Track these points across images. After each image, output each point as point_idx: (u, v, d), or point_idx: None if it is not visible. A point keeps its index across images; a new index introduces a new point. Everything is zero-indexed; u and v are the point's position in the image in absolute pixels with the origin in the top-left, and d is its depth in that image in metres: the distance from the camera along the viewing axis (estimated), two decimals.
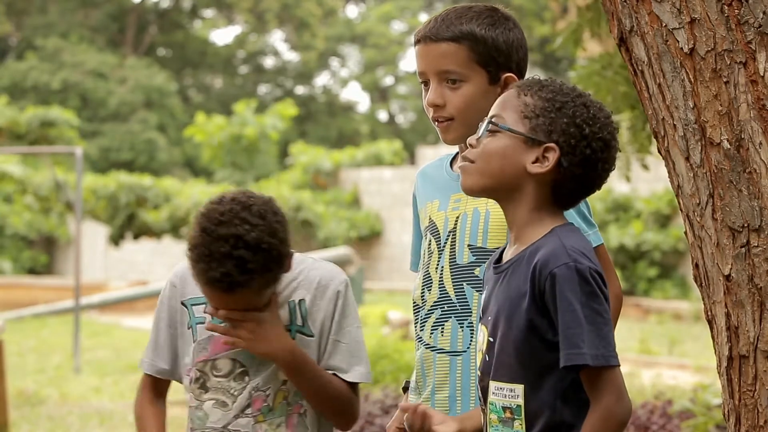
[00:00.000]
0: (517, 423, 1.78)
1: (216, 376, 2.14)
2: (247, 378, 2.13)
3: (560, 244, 1.76)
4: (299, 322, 2.15)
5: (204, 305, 2.15)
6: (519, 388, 1.77)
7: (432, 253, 2.14)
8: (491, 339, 1.83)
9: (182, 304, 2.18)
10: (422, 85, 2.17)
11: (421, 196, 2.22)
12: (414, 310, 2.18)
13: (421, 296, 2.15)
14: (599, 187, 1.86)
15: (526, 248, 1.81)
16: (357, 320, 2.17)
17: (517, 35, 2.13)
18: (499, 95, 2.03)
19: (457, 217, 2.11)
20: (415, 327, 2.18)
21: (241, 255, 2.01)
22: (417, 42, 2.15)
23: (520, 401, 1.77)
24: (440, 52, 2.10)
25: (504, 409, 1.80)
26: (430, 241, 2.15)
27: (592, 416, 1.72)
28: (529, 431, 1.78)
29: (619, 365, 1.73)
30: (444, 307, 2.10)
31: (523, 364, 1.77)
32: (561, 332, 1.73)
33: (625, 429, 1.75)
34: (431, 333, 2.11)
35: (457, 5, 2.16)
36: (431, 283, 2.13)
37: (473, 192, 1.87)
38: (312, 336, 2.15)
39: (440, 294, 2.11)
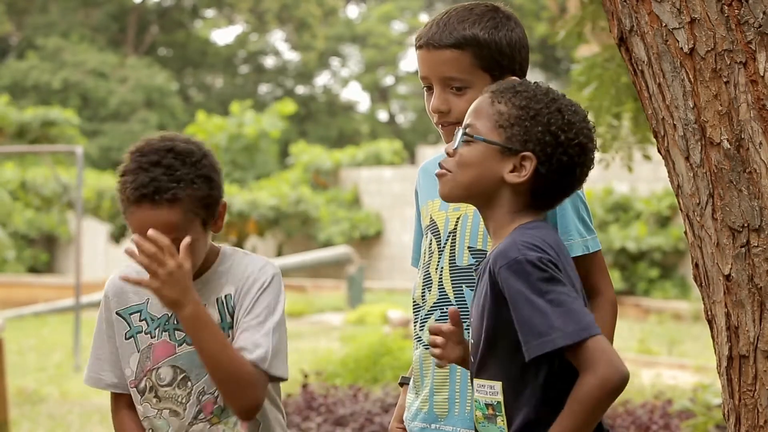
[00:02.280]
0: (499, 419, 1.80)
1: (161, 386, 2.12)
2: (189, 384, 2.11)
3: (512, 241, 1.78)
4: (228, 318, 2.11)
5: (139, 313, 2.13)
6: (498, 385, 1.79)
7: (432, 253, 2.13)
8: (472, 340, 1.86)
9: (117, 314, 2.15)
10: (425, 88, 2.13)
11: (423, 193, 2.21)
12: (414, 309, 2.17)
13: (422, 296, 2.14)
14: (578, 188, 1.89)
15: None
16: (272, 309, 2.09)
17: (519, 35, 2.10)
18: None
19: (458, 218, 2.10)
20: (414, 326, 2.17)
21: (171, 163, 2.02)
22: (419, 47, 2.11)
23: (500, 398, 1.79)
24: (443, 60, 2.06)
25: (487, 405, 1.81)
26: (430, 240, 2.14)
27: (587, 383, 1.69)
28: (509, 427, 1.78)
29: (600, 333, 1.71)
30: (443, 309, 2.09)
31: (498, 361, 1.79)
32: (521, 326, 1.72)
33: (616, 397, 1.73)
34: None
35: (458, 6, 2.12)
36: (431, 283, 2.12)
37: (450, 200, 1.91)
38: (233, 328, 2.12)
39: (440, 295, 2.10)
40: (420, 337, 2.13)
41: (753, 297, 1.82)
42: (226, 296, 2.11)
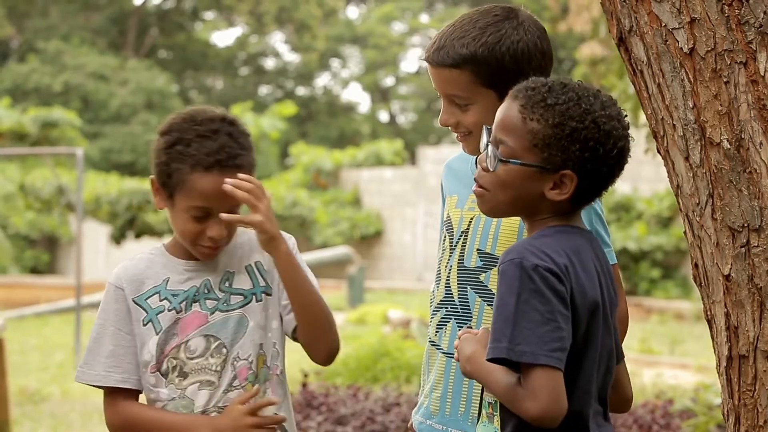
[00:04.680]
0: (495, 419, 1.79)
1: (191, 359, 2.09)
2: (224, 350, 2.09)
3: (523, 242, 1.76)
4: (262, 283, 2.14)
5: (158, 294, 2.11)
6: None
7: (445, 250, 2.12)
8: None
9: (134, 302, 2.12)
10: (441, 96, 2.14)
11: (445, 188, 2.20)
12: (430, 303, 2.17)
13: (432, 291, 2.14)
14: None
15: None
16: (307, 269, 2.14)
17: (529, 44, 2.02)
18: None
19: (472, 218, 2.08)
20: (429, 320, 2.18)
21: (231, 131, 2.08)
22: (425, 60, 2.09)
23: None
24: (443, 78, 2.04)
25: (488, 404, 1.81)
26: (444, 237, 2.13)
27: (528, 408, 1.68)
28: (503, 430, 1.77)
29: (554, 366, 1.66)
30: (447, 308, 2.09)
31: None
32: (491, 324, 1.71)
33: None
34: (436, 330, 2.10)
35: (467, 15, 2.06)
36: (440, 280, 2.12)
37: (492, 216, 1.89)
38: (272, 294, 2.14)
39: (445, 293, 2.10)
40: (428, 332, 2.14)
41: (753, 297, 1.82)
42: (256, 263, 2.14)
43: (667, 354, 9.41)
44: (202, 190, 2.05)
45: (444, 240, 2.13)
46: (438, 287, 2.11)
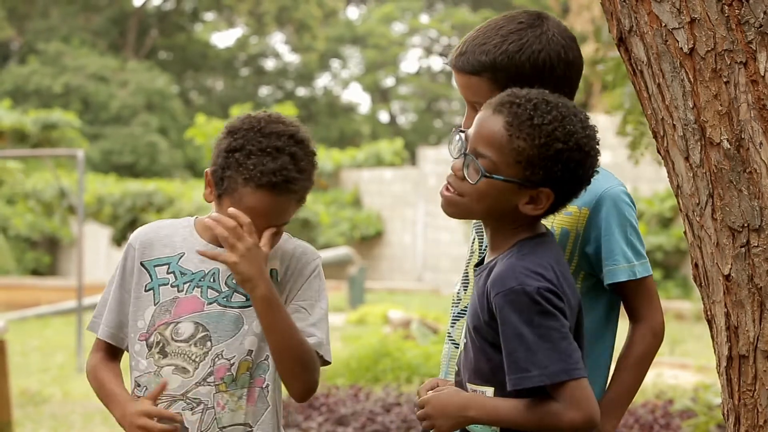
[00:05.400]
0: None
1: (176, 341, 2.07)
2: (209, 344, 2.07)
3: (512, 264, 1.78)
4: None
5: (167, 266, 2.10)
6: (490, 391, 1.80)
7: (473, 252, 2.11)
8: (465, 339, 1.87)
9: (141, 265, 2.12)
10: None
11: None
12: (452, 304, 2.16)
13: (458, 294, 2.13)
14: None
15: (495, 258, 1.84)
16: (323, 295, 2.11)
17: (551, 53, 1.98)
18: None
19: None
20: (450, 321, 2.16)
21: (294, 152, 2.02)
22: (450, 65, 2.09)
23: None
24: (464, 84, 2.04)
25: None
26: (474, 239, 2.12)
27: (571, 418, 1.72)
28: None
29: (584, 376, 1.73)
30: None
31: (489, 368, 1.80)
32: (506, 356, 1.73)
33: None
34: (462, 334, 2.09)
35: (492, 21, 2.04)
36: (468, 283, 2.11)
37: (457, 218, 1.90)
38: None
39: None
40: (450, 334, 2.13)
41: (753, 297, 1.82)
42: (271, 270, 2.09)
43: (667, 354, 9.41)
44: (248, 205, 2.02)
45: (473, 242, 2.12)
46: (466, 291, 2.10)
